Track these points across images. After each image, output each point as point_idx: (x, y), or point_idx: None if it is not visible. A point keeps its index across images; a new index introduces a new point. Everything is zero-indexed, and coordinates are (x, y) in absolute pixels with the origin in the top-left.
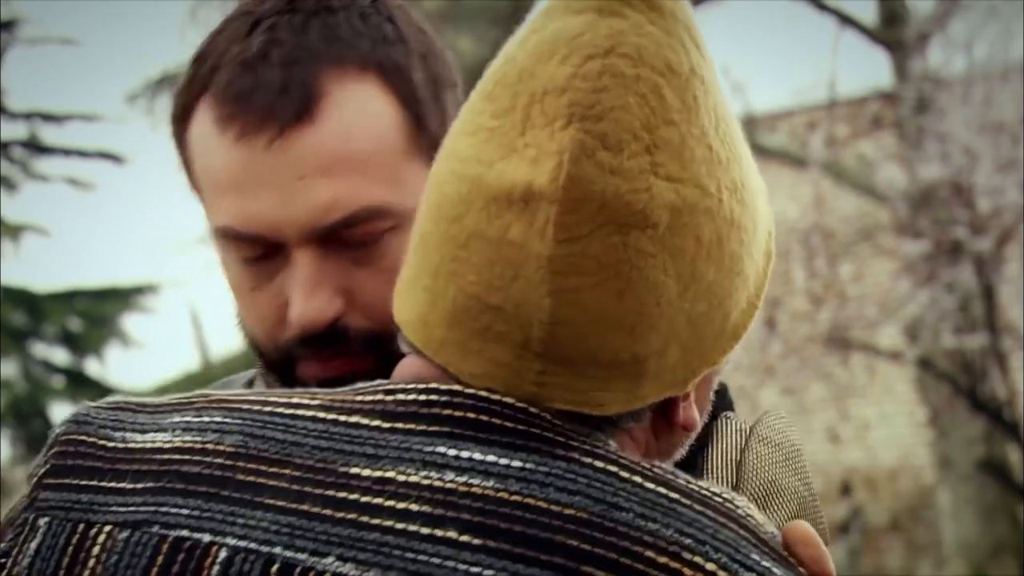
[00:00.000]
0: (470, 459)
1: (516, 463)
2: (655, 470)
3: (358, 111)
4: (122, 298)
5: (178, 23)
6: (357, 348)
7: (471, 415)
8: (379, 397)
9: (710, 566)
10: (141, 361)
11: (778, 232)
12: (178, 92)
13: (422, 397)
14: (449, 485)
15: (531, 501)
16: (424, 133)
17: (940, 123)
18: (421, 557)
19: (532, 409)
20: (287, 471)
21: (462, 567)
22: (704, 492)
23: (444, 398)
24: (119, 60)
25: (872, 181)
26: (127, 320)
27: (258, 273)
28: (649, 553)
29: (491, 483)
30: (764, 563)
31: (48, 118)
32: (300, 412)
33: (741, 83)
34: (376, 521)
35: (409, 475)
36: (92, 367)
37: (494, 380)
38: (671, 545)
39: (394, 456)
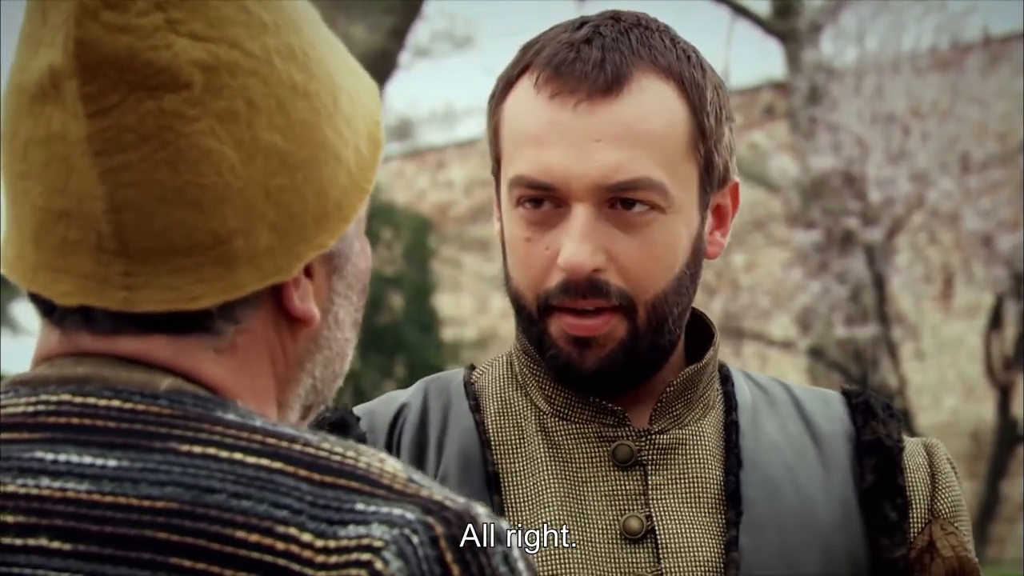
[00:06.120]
0: (67, 463)
1: (112, 462)
2: (267, 441)
3: (655, 100)
4: (11, 285)
5: None
6: (613, 304)
7: (75, 420)
8: None
9: (306, 536)
10: (31, 349)
11: None
12: (502, 75)
13: (30, 408)
14: (45, 492)
15: (123, 500)
16: (703, 142)
17: (832, 114)
18: (15, 569)
19: (139, 407)
20: None
21: (52, 574)
22: (320, 454)
23: (51, 407)
24: None
25: (765, 171)
26: (16, 308)
27: (535, 225)
28: (240, 533)
29: (85, 486)
30: (371, 508)
31: None
32: None
33: None
34: None
35: (6, 485)
36: None
37: (86, 295)
38: (263, 521)
39: None
